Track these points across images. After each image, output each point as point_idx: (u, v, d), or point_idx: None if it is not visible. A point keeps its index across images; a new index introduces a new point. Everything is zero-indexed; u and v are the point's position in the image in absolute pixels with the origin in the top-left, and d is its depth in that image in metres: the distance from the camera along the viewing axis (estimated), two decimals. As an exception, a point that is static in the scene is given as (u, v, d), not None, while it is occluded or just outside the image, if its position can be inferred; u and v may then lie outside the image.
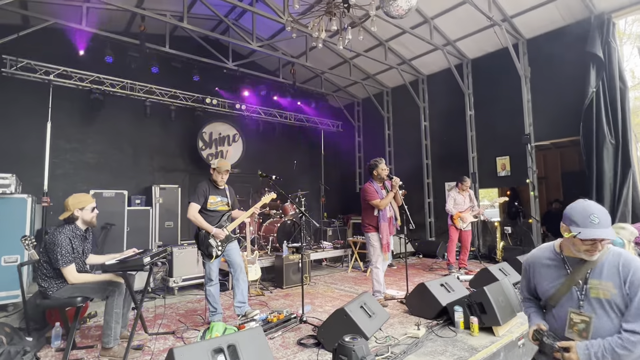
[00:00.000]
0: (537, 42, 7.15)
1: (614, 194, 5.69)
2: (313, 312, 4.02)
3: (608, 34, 5.94)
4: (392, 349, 2.89)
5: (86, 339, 3.36)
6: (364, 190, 4.41)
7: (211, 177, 3.78)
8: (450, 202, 6.09)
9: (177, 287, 5.00)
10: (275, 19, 6.40)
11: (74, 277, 2.86)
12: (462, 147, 8.28)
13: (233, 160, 9.18)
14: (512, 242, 7.32)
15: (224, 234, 3.63)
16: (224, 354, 2.15)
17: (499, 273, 4.42)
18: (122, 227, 6.69)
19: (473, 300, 3.28)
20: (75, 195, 3.11)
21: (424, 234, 8.98)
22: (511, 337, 3.08)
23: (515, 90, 7.30)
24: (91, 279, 2.96)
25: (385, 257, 4.38)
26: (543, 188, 9.03)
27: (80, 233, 3.02)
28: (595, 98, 5.94)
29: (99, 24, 6.47)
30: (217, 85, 8.66)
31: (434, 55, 8.32)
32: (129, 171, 7.72)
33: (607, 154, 5.79)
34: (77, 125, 7.20)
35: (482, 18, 6.61)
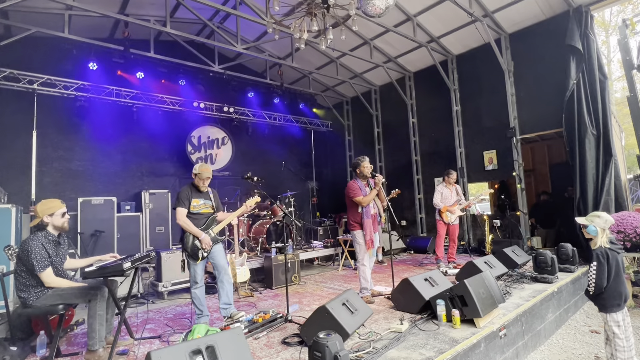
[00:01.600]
0: (519, 36, 7.23)
1: (597, 184, 5.77)
2: (300, 311, 4.05)
3: (586, 26, 6.02)
4: (374, 344, 2.92)
5: (72, 346, 3.37)
6: (348, 188, 4.46)
7: (193, 182, 3.81)
8: (437, 196, 6.14)
9: (167, 292, 5.01)
10: (258, 21, 6.42)
11: (53, 281, 2.87)
12: (450, 142, 8.35)
13: (223, 163, 9.20)
14: (501, 235, 7.39)
15: (210, 244, 3.65)
16: (202, 355, 2.17)
17: (484, 266, 4.48)
18: (112, 234, 6.69)
19: (454, 293, 3.32)
20: (43, 201, 3.07)
21: (415, 230, 9.05)
22: (492, 328, 3.13)
23: (499, 84, 7.38)
24: (69, 284, 2.96)
25: (370, 254, 4.43)
26: (531, 180, 9.13)
27: (53, 239, 3.02)
28: (575, 90, 6.02)
29: (82, 32, 6.46)
30: (204, 88, 8.66)
31: (419, 52, 8.38)
32: (118, 177, 7.72)
33: (589, 145, 5.87)
34: (64, 133, 7.19)
35: (464, 14, 6.68)
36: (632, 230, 4.86)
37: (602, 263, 2.76)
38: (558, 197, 7.76)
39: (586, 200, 5.80)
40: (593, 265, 2.80)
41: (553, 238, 7.49)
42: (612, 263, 2.77)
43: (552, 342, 3.81)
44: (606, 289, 2.77)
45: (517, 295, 4.06)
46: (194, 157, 8.81)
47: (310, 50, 8.70)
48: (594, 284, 2.79)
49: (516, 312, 3.51)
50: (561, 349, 3.65)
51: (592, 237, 2.89)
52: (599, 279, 2.76)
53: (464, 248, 7.54)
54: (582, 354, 3.48)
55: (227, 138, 9.43)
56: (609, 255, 2.78)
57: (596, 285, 2.77)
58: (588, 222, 2.90)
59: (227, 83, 8.83)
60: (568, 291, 4.57)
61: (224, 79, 8.63)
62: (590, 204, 5.75)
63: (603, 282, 2.76)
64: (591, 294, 2.86)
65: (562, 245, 5.18)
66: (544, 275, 4.57)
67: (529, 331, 3.60)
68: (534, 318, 3.74)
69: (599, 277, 2.76)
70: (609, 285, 2.77)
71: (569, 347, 3.66)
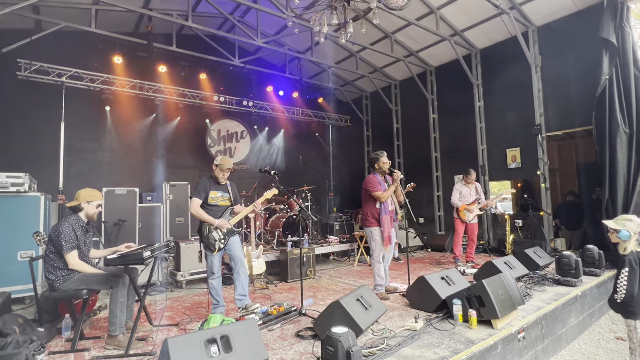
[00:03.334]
0: (548, 29, 6.94)
1: (627, 184, 5.49)
2: (314, 305, 4.07)
3: (622, 18, 5.70)
4: (387, 341, 2.90)
5: (94, 330, 3.51)
6: (366, 181, 4.38)
7: (213, 173, 3.87)
8: (455, 194, 6.02)
9: (185, 281, 5.13)
10: (278, 14, 6.43)
11: (76, 263, 2.99)
12: (471, 139, 8.14)
13: (241, 156, 9.30)
14: (522, 235, 7.17)
15: (228, 225, 3.71)
16: (217, 344, 2.21)
17: (504, 266, 4.36)
18: (134, 223, 6.89)
19: (472, 293, 3.25)
20: (88, 188, 3.29)
21: (433, 228, 8.91)
22: (510, 331, 3.04)
23: (525, 79, 7.12)
24: (91, 270, 3.08)
25: (387, 250, 4.38)
26: (557, 180, 8.77)
27: (83, 224, 3.17)
28: (608, 85, 5.72)
29: (108, 26, 6.63)
30: (224, 82, 8.76)
31: (441, 46, 8.18)
32: (140, 169, 7.93)
33: (621, 143, 5.58)
34: (90, 125, 7.44)
35: (490, 6, 6.46)
36: (664, 234, 4.61)
37: (635, 269, 2.63)
38: (585, 197, 7.45)
39: (615, 202, 5.54)
40: (625, 271, 2.66)
41: (578, 240, 7.20)
42: None
43: (573, 348, 3.68)
44: (636, 295, 2.64)
45: (537, 298, 3.94)
46: (213, 150, 8.95)
47: (329, 44, 8.63)
48: (624, 291, 2.65)
49: (536, 315, 3.40)
50: (583, 354, 3.52)
51: (621, 242, 2.75)
52: (631, 286, 2.63)
53: (483, 248, 7.37)
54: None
55: (245, 132, 9.52)
56: (639, 260, 2.65)
57: (627, 292, 2.64)
58: (620, 227, 2.74)
59: (247, 77, 8.90)
60: (593, 295, 4.40)
61: (243, 72, 8.70)
62: (620, 205, 5.49)
63: (635, 288, 2.63)
64: (619, 301, 2.72)
65: (588, 248, 4.97)
66: (567, 278, 4.41)
67: (550, 335, 3.49)
68: (555, 322, 3.62)
69: (632, 284, 2.63)
70: (639, 290, 2.64)
71: (591, 354, 3.53)
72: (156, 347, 2.94)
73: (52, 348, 3.01)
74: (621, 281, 2.67)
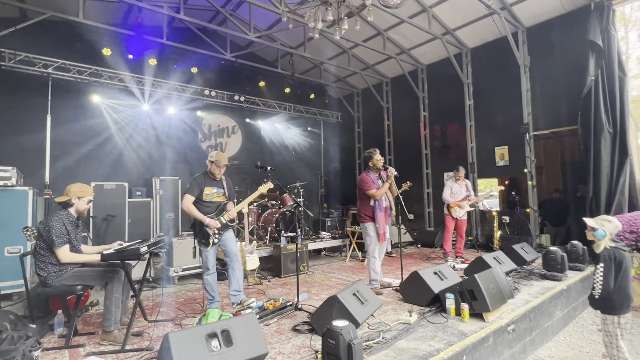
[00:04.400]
0: (537, 30, 7.09)
1: (610, 183, 5.70)
2: (309, 300, 4.11)
3: (608, 21, 5.88)
4: (383, 334, 2.96)
5: (88, 325, 3.47)
6: (360, 181, 4.46)
7: (208, 169, 3.84)
8: (447, 191, 6.13)
9: (177, 277, 5.10)
10: (272, 9, 6.37)
11: (68, 256, 2.94)
12: (461, 137, 8.28)
13: (232, 152, 9.24)
14: (509, 232, 7.35)
15: (218, 224, 3.69)
16: (218, 339, 2.23)
17: (493, 261, 4.47)
18: (123, 219, 6.80)
19: (464, 287, 3.34)
20: (79, 184, 3.22)
21: (423, 224, 9.05)
22: (501, 323, 3.14)
23: (514, 79, 7.26)
24: (84, 258, 3.04)
25: (382, 246, 4.45)
26: (542, 177, 9.01)
27: (73, 219, 3.11)
28: (594, 86, 5.91)
29: (96, 17, 6.47)
30: (215, 76, 8.66)
31: (433, 44, 8.26)
32: (130, 163, 7.81)
33: (605, 143, 5.78)
34: (78, 117, 7.26)
35: (481, 6, 6.55)
36: (645, 231, 4.81)
37: (610, 265, 2.72)
38: (570, 195, 7.68)
39: (599, 200, 5.74)
40: (600, 267, 2.76)
41: (562, 236, 7.43)
42: (620, 263, 2.74)
43: (559, 339, 3.83)
44: (613, 290, 2.74)
45: (525, 292, 4.07)
46: (204, 145, 8.86)
47: (322, 40, 8.62)
48: (600, 286, 2.74)
49: (525, 309, 3.52)
50: (568, 346, 3.66)
51: (596, 240, 2.85)
52: (607, 282, 2.72)
53: (471, 243, 7.53)
54: (589, 352, 3.49)
55: (237, 127, 9.46)
56: (615, 256, 2.75)
57: (604, 288, 2.73)
58: (598, 226, 2.84)
59: (239, 71, 8.82)
60: (577, 290, 4.56)
61: (235, 67, 8.62)
62: (603, 203, 5.69)
63: (610, 284, 2.72)
64: (597, 297, 2.81)
65: (573, 244, 5.15)
66: (553, 273, 4.56)
67: (537, 327, 3.62)
68: (542, 315, 3.75)
69: (607, 280, 2.72)
70: (616, 286, 2.74)
71: (576, 345, 3.67)
72: (153, 342, 2.93)
73: (45, 344, 2.97)
74: (597, 277, 2.76)
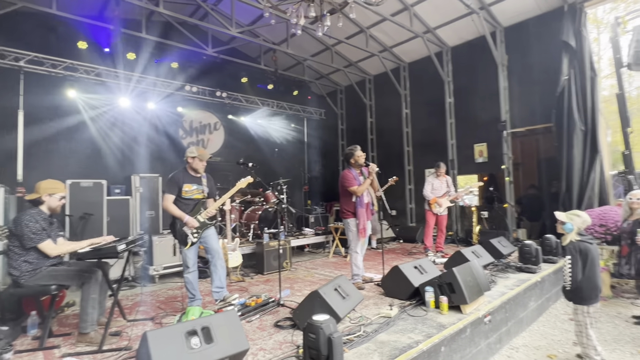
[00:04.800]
0: (514, 30, 7.28)
1: (582, 179, 5.94)
2: (292, 296, 4.12)
3: (580, 23, 6.10)
4: (364, 328, 3.01)
5: (63, 327, 3.38)
6: (342, 177, 4.49)
7: (188, 166, 3.78)
8: (427, 187, 6.24)
9: (158, 275, 5.02)
10: (254, 4, 6.32)
11: (54, 249, 2.87)
12: (442, 134, 8.43)
13: (214, 148, 9.12)
14: (488, 226, 7.56)
15: (196, 224, 3.65)
16: (198, 336, 2.21)
17: (472, 255, 4.60)
18: (101, 217, 6.61)
19: (443, 280, 3.42)
20: (49, 180, 3.12)
21: (405, 220, 9.19)
22: (478, 315, 3.24)
23: (492, 78, 7.44)
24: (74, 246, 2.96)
25: (363, 242, 4.51)
26: (519, 174, 9.29)
27: (45, 217, 3.02)
28: (567, 86, 6.13)
29: (71, 8, 6.24)
30: (197, 72, 8.51)
31: (414, 42, 8.37)
32: (108, 160, 7.58)
33: (577, 140, 6.01)
34: (51, 113, 6.99)
35: (461, 5, 6.67)
36: (613, 224, 5.04)
37: (576, 257, 2.86)
38: (545, 191, 7.95)
39: (571, 195, 5.97)
40: (567, 259, 2.90)
41: (538, 230, 7.69)
42: (586, 255, 2.88)
43: (533, 329, 3.97)
44: (582, 281, 2.88)
45: (502, 284, 4.20)
46: (185, 142, 8.72)
47: (305, 37, 8.60)
48: (569, 278, 2.89)
49: (501, 300, 3.64)
50: (541, 335, 3.81)
51: (565, 233, 2.99)
52: (574, 273, 2.86)
53: (451, 238, 7.70)
54: (560, 340, 3.65)
55: (219, 123, 9.33)
56: (580, 249, 2.89)
57: (572, 280, 2.87)
58: (567, 220, 2.98)
59: (221, 67, 8.69)
60: (550, 281, 4.74)
61: (217, 62, 8.48)
62: (575, 198, 5.92)
63: (578, 275, 2.86)
64: (568, 289, 2.95)
65: (547, 237, 5.34)
66: (528, 266, 4.73)
67: (512, 318, 3.75)
68: (517, 306, 3.89)
69: (574, 271, 2.86)
70: (584, 277, 2.88)
71: (548, 334, 3.82)
72: (132, 341, 2.89)
73: (17, 347, 2.88)
74: (566, 270, 2.91)
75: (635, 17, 6.24)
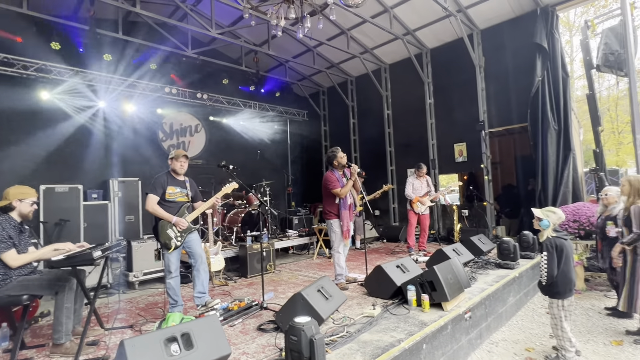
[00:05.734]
0: (490, 32, 7.47)
1: (556, 176, 6.15)
2: (276, 298, 4.10)
3: (552, 25, 6.32)
4: (347, 328, 3.02)
5: (37, 338, 3.25)
6: (325, 179, 4.50)
7: (170, 168, 3.74)
8: (409, 187, 6.33)
9: (138, 282, 4.90)
10: (234, 5, 6.27)
11: (16, 260, 2.74)
12: (423, 134, 8.57)
13: (196, 151, 9.00)
14: (468, 224, 7.72)
15: (185, 223, 3.61)
16: (178, 343, 2.17)
17: (452, 253, 4.68)
18: (78, 223, 6.42)
19: (424, 279, 3.47)
20: (18, 186, 3.00)
21: (388, 219, 9.29)
22: (458, 311, 3.30)
23: (470, 79, 7.62)
24: (35, 255, 2.85)
25: (346, 243, 4.53)
26: (498, 172, 9.54)
27: (16, 224, 2.89)
28: (540, 86, 6.34)
29: (43, 8, 6.04)
30: (176, 73, 8.38)
31: (394, 44, 8.48)
32: (84, 164, 7.36)
33: (551, 139, 6.22)
34: (23, 116, 6.74)
35: (439, 8, 6.80)
36: (586, 220, 5.23)
37: (552, 252, 2.97)
38: (522, 188, 8.19)
39: (547, 192, 6.17)
40: (544, 255, 3.00)
41: (516, 227, 7.91)
42: (561, 251, 2.99)
43: (512, 323, 4.08)
44: (557, 276, 2.99)
45: (482, 281, 4.29)
46: (165, 145, 8.56)
47: (287, 38, 8.59)
48: (545, 273, 2.99)
49: (480, 296, 3.72)
50: (520, 329, 3.91)
51: (541, 230, 3.09)
52: (550, 269, 2.96)
53: (434, 237, 7.82)
54: (538, 333, 3.76)
55: (200, 125, 9.21)
56: (556, 244, 2.99)
57: (548, 275, 2.98)
58: (543, 216, 3.09)
59: (201, 69, 8.58)
60: (528, 276, 4.88)
61: (197, 64, 8.37)
62: (550, 195, 6.12)
63: (554, 271, 2.96)
64: (544, 284, 3.06)
65: (524, 234, 5.50)
66: (506, 262, 4.85)
67: (492, 313, 3.83)
68: (497, 301, 3.98)
69: (550, 267, 2.96)
70: (559, 272, 2.99)
71: (527, 328, 3.93)
72: (110, 350, 2.81)
73: (-13, 361, 2.76)
74: (542, 265, 3.02)
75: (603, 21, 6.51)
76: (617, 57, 5.75)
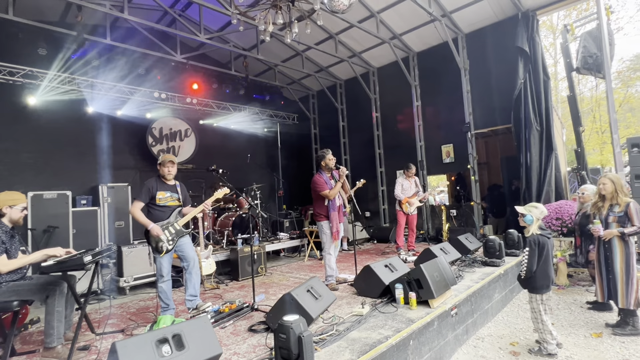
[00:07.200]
0: (474, 36, 7.66)
1: (540, 176, 6.32)
2: (267, 300, 4.15)
3: (533, 29, 6.52)
4: (337, 327, 3.08)
5: (27, 344, 3.25)
6: (314, 182, 4.57)
7: (159, 173, 3.78)
8: (398, 188, 6.44)
9: (129, 287, 4.90)
10: (222, 10, 6.33)
11: (6, 265, 2.75)
12: (411, 136, 8.71)
13: (186, 155, 8.99)
14: (456, 224, 7.86)
15: (160, 231, 3.61)
16: (169, 344, 2.21)
17: (440, 252, 4.79)
18: (67, 230, 6.37)
19: (412, 277, 3.56)
20: (7, 192, 3.02)
21: (379, 221, 9.39)
22: (445, 308, 3.40)
23: (456, 81, 7.79)
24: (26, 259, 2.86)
25: (336, 244, 4.61)
26: (485, 173, 9.75)
27: (7, 229, 2.91)
28: (523, 89, 6.52)
29: (29, 14, 6.01)
30: (165, 78, 8.38)
31: (382, 48, 8.62)
32: (72, 170, 7.32)
33: (534, 140, 6.40)
34: (10, 122, 6.69)
35: (424, 13, 6.95)
36: (568, 217, 5.39)
37: (534, 249, 3.10)
38: (508, 188, 8.38)
39: (531, 191, 6.34)
40: (526, 250, 3.14)
41: (503, 226, 8.09)
42: (543, 248, 3.12)
43: (498, 319, 4.19)
44: (536, 272, 3.12)
45: (468, 278, 4.41)
46: (155, 150, 8.54)
47: (275, 43, 8.68)
48: (524, 268, 3.13)
49: (466, 293, 3.82)
50: (505, 324, 4.03)
51: (527, 225, 3.22)
52: (530, 264, 3.10)
53: (423, 237, 7.95)
54: (522, 328, 3.87)
55: (190, 130, 9.21)
56: (539, 242, 3.12)
57: (527, 269, 3.12)
58: (526, 212, 3.22)
59: (190, 73, 8.60)
60: (513, 273, 5.01)
61: (186, 68, 8.39)
62: (534, 194, 6.29)
63: (533, 266, 3.10)
64: (522, 278, 3.20)
65: (509, 232, 5.64)
66: (492, 260, 4.98)
67: (478, 310, 3.94)
68: (483, 298, 4.09)
69: (530, 262, 3.10)
70: (538, 268, 3.12)
71: (512, 323, 4.05)
72: (101, 354, 2.83)
73: (-23, 368, 2.75)
74: (523, 260, 3.15)
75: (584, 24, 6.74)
76: (595, 59, 5.98)
